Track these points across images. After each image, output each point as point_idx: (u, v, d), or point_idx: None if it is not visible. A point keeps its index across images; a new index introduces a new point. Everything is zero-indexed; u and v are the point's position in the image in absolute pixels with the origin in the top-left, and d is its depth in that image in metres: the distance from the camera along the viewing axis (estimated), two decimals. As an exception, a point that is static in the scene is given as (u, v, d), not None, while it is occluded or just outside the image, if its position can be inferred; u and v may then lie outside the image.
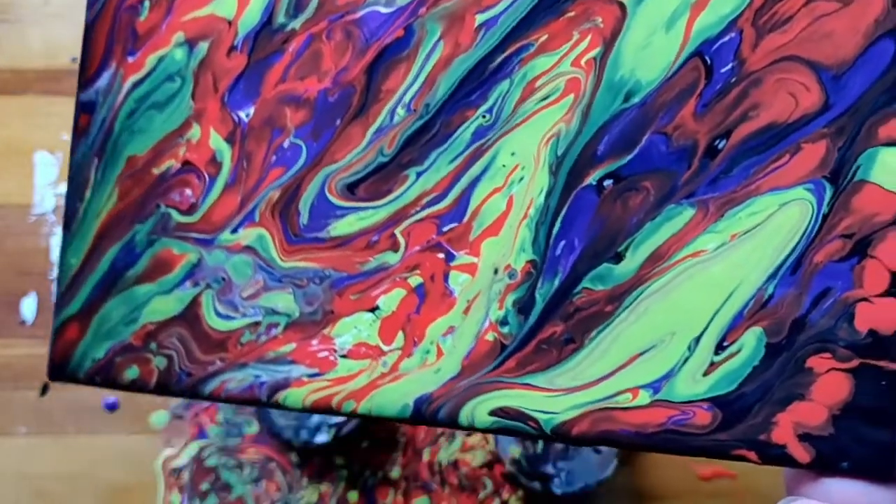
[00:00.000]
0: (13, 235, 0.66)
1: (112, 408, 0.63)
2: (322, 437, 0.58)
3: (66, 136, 0.67)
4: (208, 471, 0.63)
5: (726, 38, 0.28)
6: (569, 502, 0.60)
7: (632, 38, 0.28)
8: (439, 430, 0.62)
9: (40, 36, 0.70)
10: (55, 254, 0.66)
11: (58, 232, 0.65)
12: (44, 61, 0.70)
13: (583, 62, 0.28)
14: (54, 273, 0.64)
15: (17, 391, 0.63)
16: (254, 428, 0.63)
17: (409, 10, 0.29)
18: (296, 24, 0.29)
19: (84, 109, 0.30)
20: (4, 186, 0.67)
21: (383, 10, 0.29)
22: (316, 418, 0.58)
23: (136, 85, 0.29)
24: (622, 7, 0.28)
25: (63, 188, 0.66)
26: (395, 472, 0.63)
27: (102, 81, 0.29)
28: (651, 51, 0.28)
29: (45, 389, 0.63)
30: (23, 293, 0.64)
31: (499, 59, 0.28)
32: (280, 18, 0.29)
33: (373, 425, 0.62)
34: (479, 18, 0.28)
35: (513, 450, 0.58)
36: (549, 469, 0.58)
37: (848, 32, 0.27)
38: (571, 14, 0.28)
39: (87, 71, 0.30)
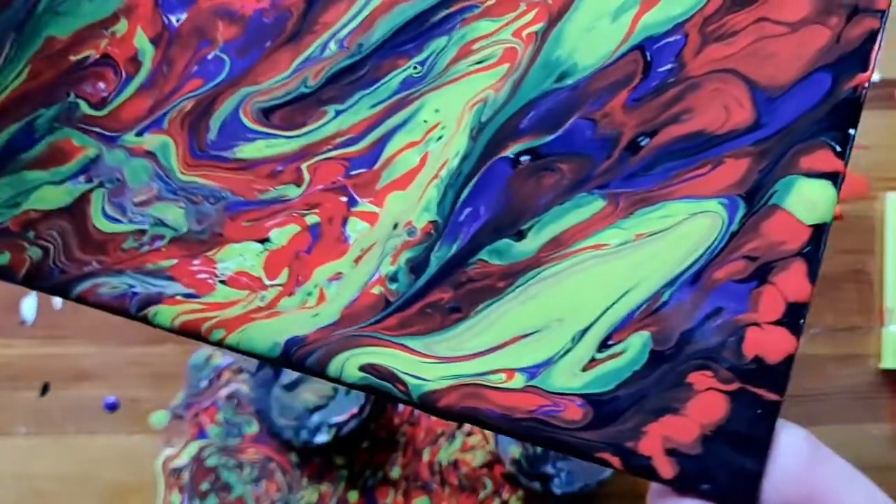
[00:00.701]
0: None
1: (112, 408, 0.62)
2: (322, 437, 0.57)
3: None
4: (208, 471, 0.62)
5: (671, 39, 0.27)
6: (569, 502, 0.59)
7: (578, 18, 0.28)
8: (439, 430, 0.62)
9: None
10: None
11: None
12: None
13: (524, 34, 0.28)
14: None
15: (16, 391, 0.62)
16: (254, 428, 0.62)
17: (363, -52, 0.28)
18: (246, -62, 0.28)
19: None
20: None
21: (337, -58, 0.28)
22: (316, 418, 0.57)
23: None
24: (574, -14, 0.28)
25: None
26: (395, 473, 0.62)
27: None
28: (594, 35, 0.27)
29: (45, 390, 0.62)
30: (23, 293, 0.63)
31: (442, 14, 0.28)
32: (232, -69, 0.28)
33: (373, 424, 0.61)
34: (432, -31, 0.28)
35: (513, 450, 0.57)
36: (549, 469, 0.57)
37: (791, 57, 0.27)
38: (523, -15, 0.28)
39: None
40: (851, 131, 0.27)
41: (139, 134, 0.28)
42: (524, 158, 0.27)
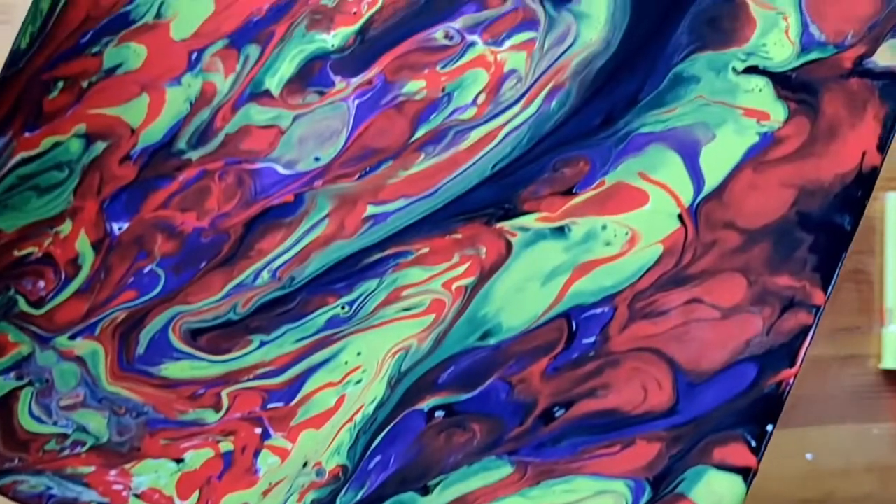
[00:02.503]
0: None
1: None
2: None
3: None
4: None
5: (598, 311, 0.27)
6: None
7: (509, 277, 0.27)
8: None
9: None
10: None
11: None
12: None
13: (454, 287, 0.28)
14: None
15: None
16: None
17: (306, 178, 0.28)
18: (194, 154, 0.28)
19: None
20: None
21: (281, 169, 0.28)
22: None
23: (24, 161, 0.29)
24: (509, 245, 0.27)
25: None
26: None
27: (-6, 147, 0.29)
28: (523, 297, 0.27)
29: None
30: None
31: (375, 256, 0.28)
32: (180, 144, 0.28)
33: None
34: (371, 210, 0.28)
35: None
36: None
37: (718, 344, 0.27)
38: (458, 236, 0.28)
39: (-16, 131, 0.29)
40: (769, 427, 0.26)
41: (72, 338, 0.29)
42: (438, 413, 0.27)
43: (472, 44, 0.28)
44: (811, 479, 0.50)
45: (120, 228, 0.29)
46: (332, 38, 0.28)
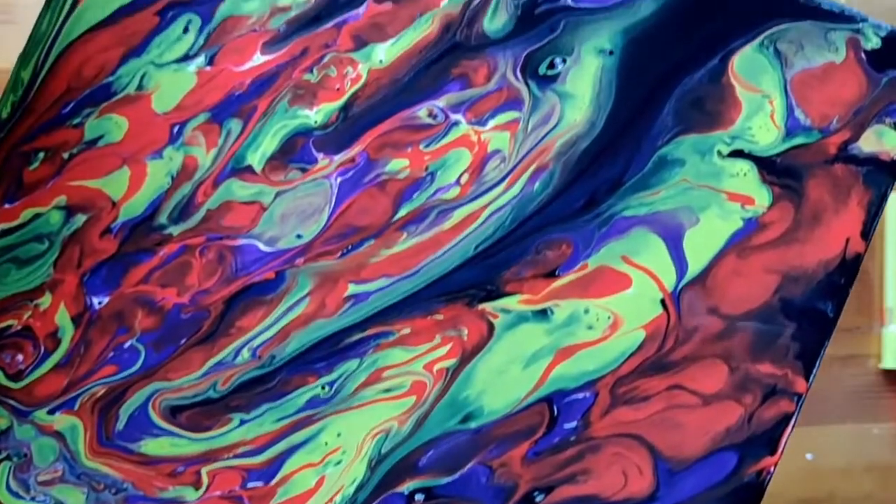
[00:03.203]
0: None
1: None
2: None
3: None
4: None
5: (580, 396, 0.27)
6: None
7: (491, 360, 0.27)
8: None
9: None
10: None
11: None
12: (44, 61, 0.68)
13: (435, 368, 0.27)
14: None
15: None
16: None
17: (288, 256, 0.28)
18: (175, 229, 0.28)
19: None
20: None
21: (263, 246, 0.28)
22: None
23: (3, 233, 0.29)
24: (491, 327, 0.27)
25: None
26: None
27: (-27, 217, 0.29)
28: (504, 380, 0.27)
29: None
30: None
31: (356, 336, 0.28)
32: (161, 218, 0.28)
33: None
34: (352, 289, 0.28)
35: None
36: None
37: (699, 431, 0.27)
38: (440, 317, 0.27)
39: (-38, 201, 0.29)
40: (749, 515, 0.26)
41: (51, 412, 0.28)
42: (419, 496, 0.27)
43: (456, 123, 0.28)
44: (811, 478, 0.50)
45: (100, 302, 0.28)
46: (316, 115, 0.28)
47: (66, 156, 0.29)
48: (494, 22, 0.28)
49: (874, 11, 0.57)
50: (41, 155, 0.29)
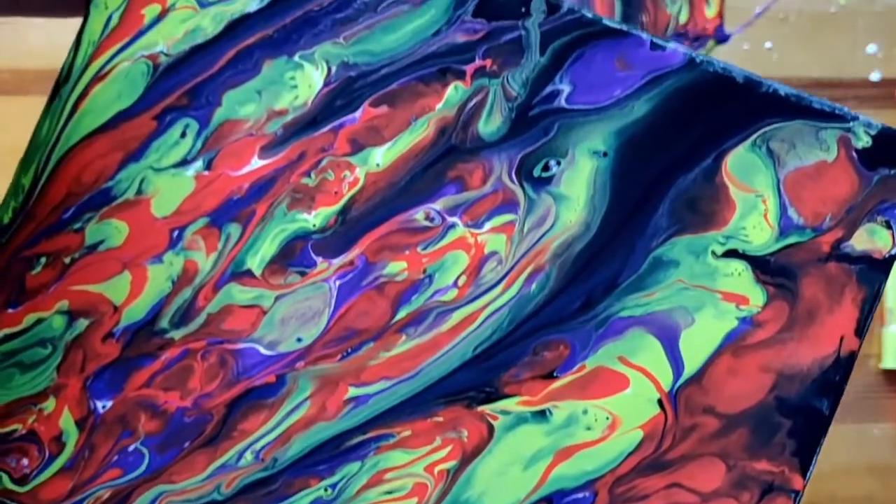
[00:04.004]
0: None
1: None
2: None
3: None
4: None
5: (580, 496, 0.27)
6: None
7: (491, 461, 0.28)
8: None
9: (40, 36, 0.69)
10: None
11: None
12: (44, 62, 0.68)
13: (436, 470, 0.28)
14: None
15: None
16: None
17: (288, 359, 0.28)
18: (176, 334, 0.28)
19: None
20: (4, 188, 0.65)
21: (263, 350, 0.28)
22: None
23: (7, 338, 0.29)
24: (490, 429, 0.28)
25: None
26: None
27: (-24, 323, 0.29)
28: (505, 481, 0.27)
29: None
30: None
31: (357, 439, 0.28)
32: (163, 323, 0.29)
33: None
34: (352, 391, 0.28)
35: None
36: None
37: (697, 531, 0.27)
38: (440, 419, 0.28)
39: (-36, 310, 0.29)
40: None
41: (56, 516, 0.29)
42: None
43: (453, 225, 0.28)
44: (811, 479, 0.51)
45: (104, 406, 0.29)
46: (314, 218, 0.28)
47: (67, 260, 0.29)
48: (489, 125, 0.28)
49: (874, 11, 0.57)
50: (43, 260, 0.29)
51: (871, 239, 0.27)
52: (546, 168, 0.28)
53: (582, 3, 0.51)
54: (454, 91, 0.28)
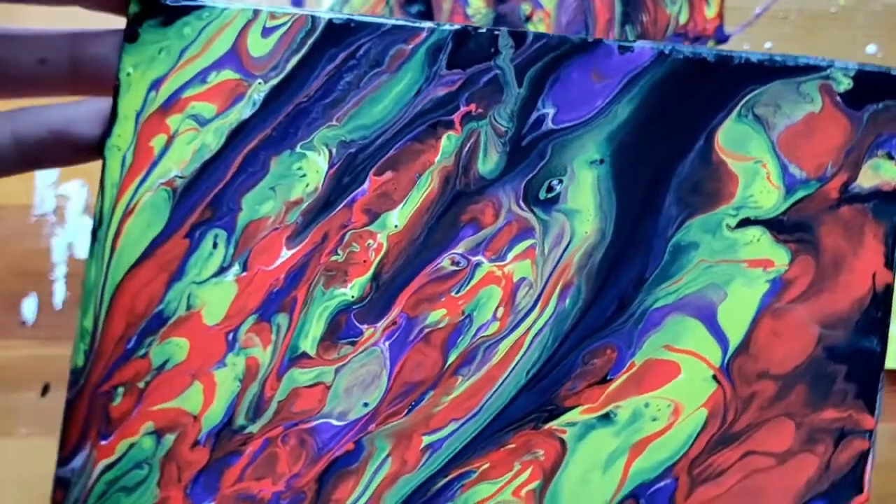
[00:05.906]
0: (14, 236, 0.64)
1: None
2: None
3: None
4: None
5: (661, 484, 0.28)
6: None
7: (570, 473, 0.29)
8: None
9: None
10: (56, 255, 0.63)
11: (58, 233, 0.62)
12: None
13: (523, 492, 0.29)
14: (55, 274, 0.63)
15: (17, 392, 0.61)
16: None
17: (360, 424, 0.30)
18: (254, 427, 0.30)
19: (59, 485, 0.32)
20: (5, 187, 0.63)
21: (335, 422, 0.30)
22: None
23: (107, 468, 0.31)
24: (563, 443, 0.29)
25: (64, 188, 0.63)
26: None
27: (77, 462, 0.31)
28: (589, 488, 0.29)
29: (45, 390, 0.61)
30: (23, 294, 0.62)
31: (441, 483, 0.29)
32: (240, 420, 0.31)
33: None
34: (426, 440, 0.30)
35: None
36: None
37: (780, 491, 0.28)
38: (512, 445, 0.29)
39: (65, 449, 0.32)
40: (853, 558, 0.27)
41: None
42: None
43: (479, 264, 0.30)
44: None
45: (207, 509, 0.31)
46: (351, 290, 0.30)
47: (141, 385, 0.31)
48: (487, 163, 0.30)
49: (874, 10, 0.57)
50: (121, 390, 0.31)
51: (876, 174, 0.28)
52: (550, 189, 0.29)
53: (582, 4, 0.52)
54: (448, 141, 0.30)
